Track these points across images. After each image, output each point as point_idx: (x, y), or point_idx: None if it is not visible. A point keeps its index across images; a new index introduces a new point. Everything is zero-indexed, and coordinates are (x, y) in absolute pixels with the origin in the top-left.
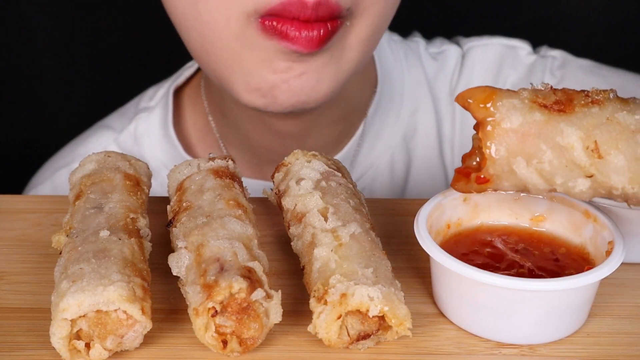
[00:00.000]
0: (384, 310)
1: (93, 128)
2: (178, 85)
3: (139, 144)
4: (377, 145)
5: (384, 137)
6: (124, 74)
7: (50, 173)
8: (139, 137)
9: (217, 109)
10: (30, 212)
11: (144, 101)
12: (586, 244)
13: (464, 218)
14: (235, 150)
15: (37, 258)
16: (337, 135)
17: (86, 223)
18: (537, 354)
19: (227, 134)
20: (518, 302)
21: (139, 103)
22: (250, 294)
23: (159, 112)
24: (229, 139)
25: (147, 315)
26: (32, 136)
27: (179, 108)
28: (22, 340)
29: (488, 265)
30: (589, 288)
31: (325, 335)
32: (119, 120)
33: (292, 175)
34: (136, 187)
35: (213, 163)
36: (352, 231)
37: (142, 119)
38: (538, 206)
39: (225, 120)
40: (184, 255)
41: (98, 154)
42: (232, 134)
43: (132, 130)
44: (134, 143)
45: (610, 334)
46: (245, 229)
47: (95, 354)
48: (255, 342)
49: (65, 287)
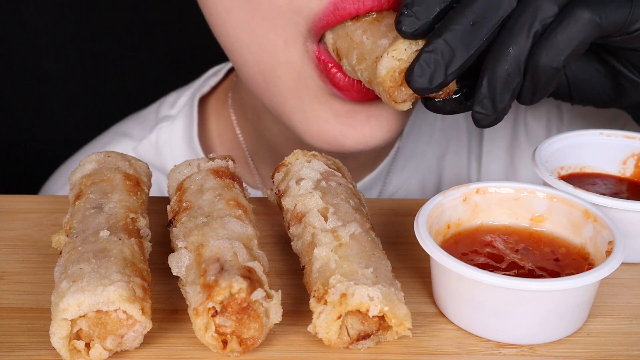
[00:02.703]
0: (384, 310)
1: (109, 134)
2: (203, 94)
3: (160, 155)
4: (410, 165)
5: (416, 157)
6: (124, 74)
7: (63, 183)
8: (160, 148)
9: (250, 126)
10: (30, 212)
11: (165, 109)
12: (586, 244)
13: (464, 218)
14: (266, 167)
15: (37, 258)
16: (374, 156)
17: (86, 223)
18: (537, 354)
19: (259, 151)
20: (518, 302)
21: (159, 110)
22: (250, 294)
23: (182, 122)
24: (261, 156)
25: (147, 315)
26: (32, 136)
27: (203, 118)
28: (22, 340)
29: (488, 265)
30: (589, 288)
31: (325, 335)
32: (137, 128)
33: (292, 175)
34: (136, 187)
35: (213, 163)
36: (352, 231)
37: (164, 128)
38: (538, 206)
39: (258, 137)
40: (184, 255)
41: (98, 154)
42: (264, 152)
43: (154, 140)
44: (155, 153)
45: (610, 334)
46: (245, 229)
47: (95, 354)
48: (255, 342)
49: (65, 287)
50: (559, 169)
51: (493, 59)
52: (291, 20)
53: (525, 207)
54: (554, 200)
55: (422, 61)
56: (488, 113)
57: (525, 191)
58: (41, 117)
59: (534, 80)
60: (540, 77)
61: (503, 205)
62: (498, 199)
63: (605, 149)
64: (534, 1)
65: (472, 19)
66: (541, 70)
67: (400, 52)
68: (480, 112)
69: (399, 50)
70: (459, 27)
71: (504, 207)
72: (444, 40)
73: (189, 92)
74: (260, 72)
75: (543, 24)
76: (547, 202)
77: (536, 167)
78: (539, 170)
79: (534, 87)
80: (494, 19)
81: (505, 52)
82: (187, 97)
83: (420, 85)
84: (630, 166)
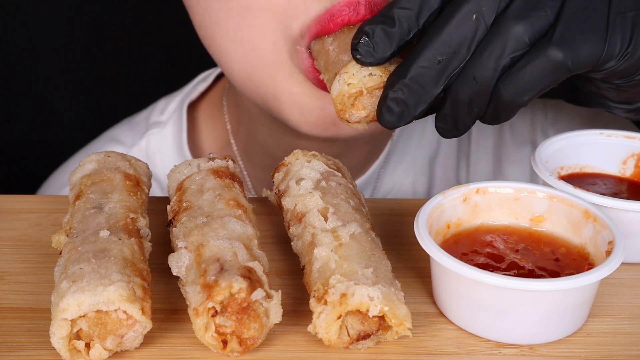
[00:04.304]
0: (384, 310)
1: (101, 140)
2: (192, 100)
3: (151, 161)
4: (401, 166)
5: (407, 159)
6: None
7: (57, 189)
8: (150, 154)
9: (243, 129)
10: (30, 212)
11: (155, 115)
12: (586, 244)
13: (464, 218)
14: (259, 170)
15: (37, 258)
16: (365, 157)
17: (86, 223)
18: (537, 354)
19: (252, 155)
20: (518, 302)
21: (149, 116)
22: (250, 294)
23: (172, 128)
24: (254, 159)
25: (147, 315)
26: (32, 136)
27: (193, 124)
28: (22, 340)
29: (488, 265)
30: (589, 288)
31: (325, 335)
32: (129, 134)
33: (292, 175)
34: (136, 187)
35: (213, 163)
36: (352, 231)
37: (154, 135)
38: (538, 206)
39: (252, 140)
40: (184, 255)
41: (98, 154)
42: (257, 155)
43: (144, 147)
44: (145, 160)
45: (610, 334)
46: (245, 229)
47: (95, 354)
48: (255, 342)
49: (65, 287)
50: (559, 169)
51: (458, 84)
52: (283, 23)
53: (525, 207)
54: (554, 200)
55: (390, 102)
56: (449, 129)
57: (525, 191)
58: (41, 118)
59: (496, 111)
60: (502, 110)
61: (503, 205)
62: (498, 199)
63: (605, 149)
64: (505, 30)
65: (440, 53)
66: (504, 104)
67: (350, 76)
68: (442, 127)
69: (349, 74)
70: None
71: (504, 207)
72: (410, 80)
73: (178, 98)
74: (248, 77)
75: (512, 57)
76: (547, 202)
77: (536, 167)
78: (539, 170)
79: (496, 115)
80: (463, 52)
81: (470, 81)
82: (177, 103)
83: (390, 125)
84: (630, 166)
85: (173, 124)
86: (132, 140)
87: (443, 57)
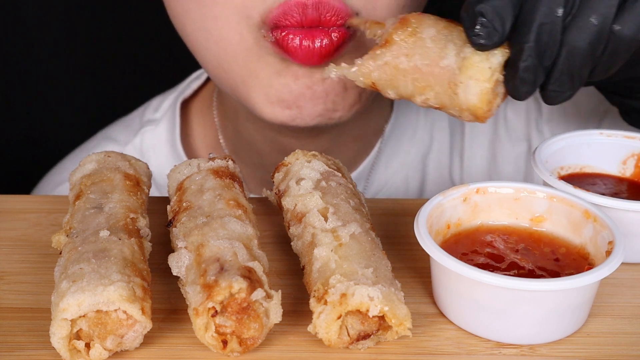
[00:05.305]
0: (384, 310)
1: (96, 138)
2: (185, 97)
3: (145, 159)
4: (393, 163)
5: (399, 155)
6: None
7: (51, 188)
8: (145, 152)
9: (230, 127)
10: (30, 212)
11: (149, 112)
12: (586, 244)
13: (464, 218)
14: (247, 167)
15: (37, 258)
16: (355, 154)
17: (86, 223)
18: (537, 354)
19: (240, 152)
20: (518, 302)
21: (143, 114)
22: (250, 294)
23: (165, 126)
24: (241, 156)
25: (147, 315)
26: (32, 136)
27: (186, 121)
28: (22, 340)
29: (488, 265)
30: (589, 288)
31: (325, 335)
32: (123, 132)
33: (292, 175)
34: (136, 187)
35: (213, 163)
36: (352, 231)
37: (148, 132)
38: (538, 206)
39: (239, 137)
40: (184, 255)
41: (98, 154)
42: (245, 153)
43: (138, 144)
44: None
45: (610, 334)
46: (245, 229)
47: (95, 354)
48: (255, 342)
49: (65, 287)
50: (559, 169)
51: (575, 31)
52: (244, 14)
53: (525, 207)
54: (554, 200)
55: (522, 73)
56: (564, 90)
57: (525, 191)
58: (40, 118)
59: (614, 53)
60: (621, 51)
61: (503, 205)
62: (498, 199)
63: (605, 149)
64: None
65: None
66: (625, 43)
67: (479, 71)
68: (556, 90)
69: (475, 70)
70: (547, 21)
71: (504, 207)
72: (536, 41)
73: (172, 96)
74: (219, 65)
75: None
76: (547, 202)
77: (536, 167)
78: (539, 170)
79: (613, 61)
80: None
81: (587, 24)
82: (171, 100)
83: (526, 96)
84: (630, 166)
85: (166, 122)
86: (127, 138)
87: (560, 7)
